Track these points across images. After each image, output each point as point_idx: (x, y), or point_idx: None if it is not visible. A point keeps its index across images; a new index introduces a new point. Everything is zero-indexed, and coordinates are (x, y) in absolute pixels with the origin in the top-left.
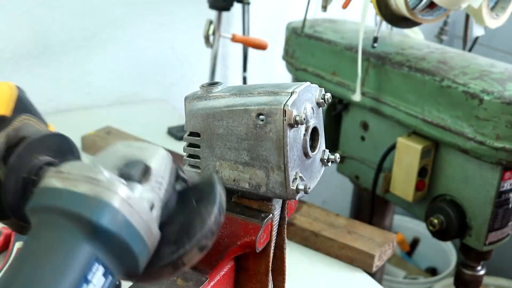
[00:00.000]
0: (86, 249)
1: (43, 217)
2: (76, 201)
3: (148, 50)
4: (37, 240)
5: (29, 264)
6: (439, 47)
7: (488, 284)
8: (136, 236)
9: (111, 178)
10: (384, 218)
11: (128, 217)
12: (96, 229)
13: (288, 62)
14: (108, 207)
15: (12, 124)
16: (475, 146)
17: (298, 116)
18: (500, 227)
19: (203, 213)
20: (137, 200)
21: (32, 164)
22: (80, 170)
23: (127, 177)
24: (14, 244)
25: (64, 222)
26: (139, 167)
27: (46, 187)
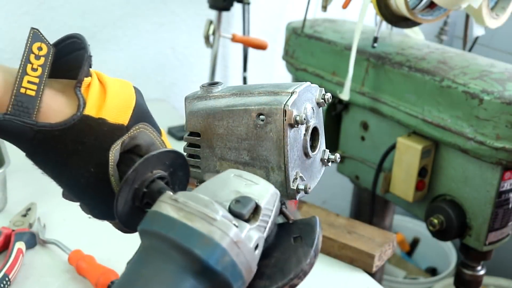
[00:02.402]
0: (191, 284)
1: (155, 243)
2: (189, 236)
3: (148, 50)
4: (147, 266)
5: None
6: (439, 47)
7: (488, 284)
8: (238, 275)
9: (224, 218)
10: (384, 218)
11: (235, 259)
12: (204, 267)
13: (288, 62)
14: (218, 248)
15: (128, 133)
16: (475, 146)
17: (298, 116)
18: (500, 227)
19: (300, 254)
20: (245, 242)
21: (145, 176)
22: (195, 204)
23: (237, 215)
24: (14, 244)
25: (175, 255)
26: (250, 206)
27: (161, 213)
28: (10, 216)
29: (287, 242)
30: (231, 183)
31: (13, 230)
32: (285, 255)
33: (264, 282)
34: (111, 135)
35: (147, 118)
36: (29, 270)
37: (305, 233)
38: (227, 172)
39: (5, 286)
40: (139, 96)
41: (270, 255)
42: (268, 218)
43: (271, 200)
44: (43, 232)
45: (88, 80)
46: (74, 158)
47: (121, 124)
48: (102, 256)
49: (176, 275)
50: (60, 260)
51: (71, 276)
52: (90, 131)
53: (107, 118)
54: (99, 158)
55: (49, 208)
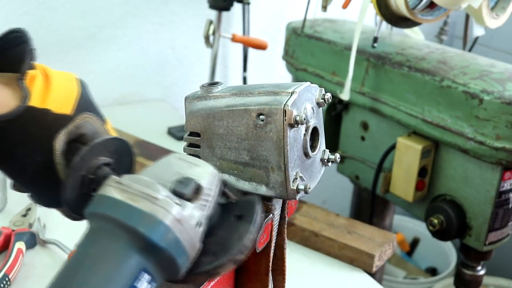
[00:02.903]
0: (137, 260)
1: (102, 224)
2: (133, 215)
3: (148, 50)
4: (94, 246)
5: (85, 267)
6: (439, 47)
7: (488, 284)
8: (182, 251)
9: (167, 197)
10: (384, 218)
11: (178, 235)
12: (148, 244)
13: (288, 62)
14: (161, 225)
15: (73, 122)
16: (475, 146)
17: (298, 116)
18: (500, 227)
19: (241, 230)
20: (187, 219)
21: (91, 163)
22: (139, 185)
23: (179, 195)
24: (14, 244)
25: (120, 233)
26: (191, 186)
27: (106, 196)
28: (10, 216)
29: (229, 221)
30: (173, 166)
31: (13, 230)
32: (227, 232)
33: (209, 258)
34: (56, 125)
35: (91, 108)
36: (29, 270)
37: (246, 211)
38: (170, 156)
39: (5, 286)
40: (83, 87)
41: (214, 234)
42: (210, 198)
43: (212, 180)
44: (43, 232)
45: (33, 73)
46: (20, 149)
47: (65, 114)
48: None
49: (122, 252)
50: (60, 260)
51: None
52: (35, 122)
53: (51, 108)
54: (45, 147)
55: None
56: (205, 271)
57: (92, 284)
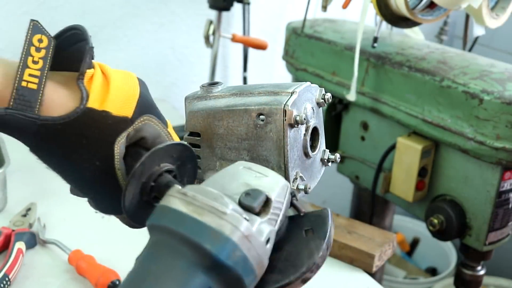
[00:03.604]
0: (202, 279)
1: (164, 239)
2: (199, 231)
3: (148, 50)
4: (157, 262)
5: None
6: (439, 47)
7: (488, 284)
8: (250, 270)
9: (234, 211)
10: (384, 218)
11: (246, 253)
12: (214, 262)
13: (288, 62)
14: (229, 242)
15: (133, 125)
16: (475, 146)
17: (298, 116)
18: (500, 227)
19: (312, 247)
20: (256, 236)
21: (153, 170)
22: (205, 197)
23: (247, 208)
24: (14, 244)
25: (184, 250)
26: (260, 199)
27: (170, 207)
28: (10, 216)
29: (299, 235)
30: (240, 176)
31: (13, 230)
32: (296, 248)
33: (276, 276)
34: (116, 128)
35: (152, 110)
36: (29, 270)
37: (317, 226)
38: (236, 165)
39: (5, 286)
40: (143, 87)
41: (281, 249)
42: (279, 211)
43: (282, 193)
44: (43, 232)
45: (91, 72)
46: (79, 152)
47: (125, 117)
48: (102, 256)
49: (186, 271)
50: (60, 260)
51: (71, 276)
52: (94, 124)
53: (111, 110)
54: (104, 151)
55: (49, 208)
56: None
57: None
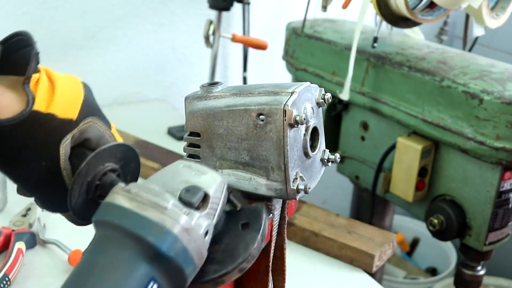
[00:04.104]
0: (146, 269)
1: (110, 233)
2: (142, 224)
3: (148, 50)
4: (103, 255)
5: (94, 276)
6: (439, 47)
7: (488, 284)
8: (190, 261)
9: (175, 206)
10: (384, 218)
11: (186, 245)
12: (157, 253)
13: (288, 62)
14: (170, 235)
15: (78, 127)
16: (475, 146)
17: (298, 116)
18: (500, 227)
19: (247, 239)
20: (195, 229)
21: (97, 169)
22: (147, 193)
23: (187, 204)
24: (14, 244)
25: (129, 242)
26: (199, 195)
27: (114, 204)
28: (10, 216)
29: (235, 229)
30: (181, 174)
31: (13, 230)
32: (233, 240)
33: (214, 267)
34: (61, 130)
35: (96, 112)
36: (29, 270)
37: (252, 219)
38: (176, 163)
39: (5, 286)
40: (87, 91)
41: (219, 241)
42: (217, 206)
43: (219, 189)
44: (43, 232)
45: (37, 76)
46: (25, 154)
47: (70, 119)
48: None
49: (130, 261)
50: (60, 260)
51: None
52: (40, 127)
53: (56, 113)
54: (50, 152)
55: None
56: (211, 280)
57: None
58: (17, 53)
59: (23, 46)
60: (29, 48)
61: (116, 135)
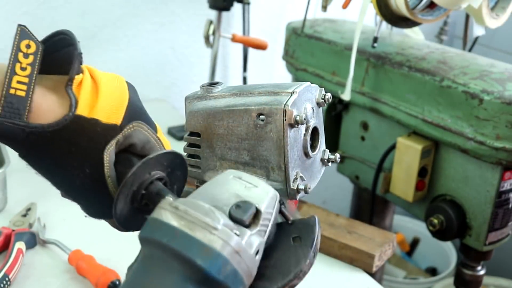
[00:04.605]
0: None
1: (156, 253)
2: (191, 246)
3: (148, 50)
4: (149, 276)
5: None
6: (439, 47)
7: (488, 284)
8: (239, 282)
9: (225, 226)
10: (384, 218)
11: (236, 267)
12: (205, 277)
13: (288, 62)
14: (220, 258)
15: (122, 132)
16: (475, 146)
17: (298, 116)
18: (500, 227)
19: (299, 254)
20: (246, 249)
21: (143, 178)
22: (196, 212)
23: (238, 221)
24: (14, 244)
25: (176, 265)
26: (250, 212)
27: (161, 221)
28: (10, 216)
29: (286, 243)
30: (231, 186)
31: (13, 230)
32: (284, 255)
33: (263, 284)
34: (105, 135)
35: (141, 115)
36: (29, 270)
37: (304, 233)
38: (226, 174)
39: (5, 286)
40: (132, 92)
41: (269, 256)
42: (268, 222)
43: (271, 203)
44: (43, 232)
45: (80, 78)
46: (68, 160)
47: (114, 124)
48: (102, 256)
49: (178, 284)
50: (60, 260)
51: (71, 276)
52: (83, 132)
53: (100, 118)
54: (94, 159)
55: (49, 208)
56: None
57: None
58: (59, 52)
59: (65, 45)
60: (72, 47)
61: (163, 138)
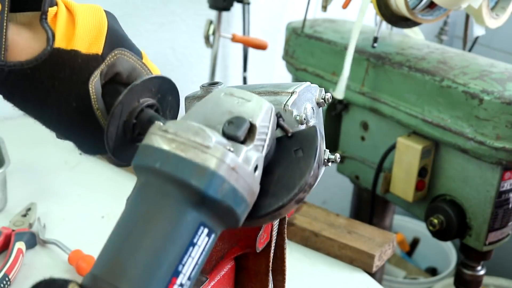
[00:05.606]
0: (194, 216)
1: (151, 179)
2: (184, 168)
3: (148, 50)
4: (146, 204)
5: (139, 228)
6: (439, 47)
7: (488, 284)
8: (241, 200)
9: (218, 143)
10: (384, 218)
11: (234, 184)
12: (203, 197)
13: (288, 62)
14: (215, 176)
15: (105, 62)
16: (475, 146)
17: (298, 116)
18: (500, 227)
19: (302, 166)
20: (242, 165)
21: (132, 107)
22: (187, 132)
23: (232, 138)
24: (14, 244)
25: (172, 189)
26: (244, 127)
27: (152, 146)
28: (10, 216)
29: (288, 157)
30: (223, 103)
31: (13, 230)
32: (287, 169)
33: (268, 200)
34: (87, 67)
35: (123, 42)
36: (29, 270)
37: (306, 145)
38: (217, 92)
39: (5, 286)
40: (111, 20)
41: (272, 172)
42: (265, 136)
43: (266, 117)
44: (43, 232)
45: (54, 10)
46: (53, 95)
47: (95, 54)
48: None
49: (176, 209)
50: (60, 260)
51: (71, 276)
52: (64, 65)
53: (80, 48)
54: (79, 92)
55: (49, 208)
56: (266, 214)
57: (148, 246)
58: None
59: None
60: None
61: (149, 64)
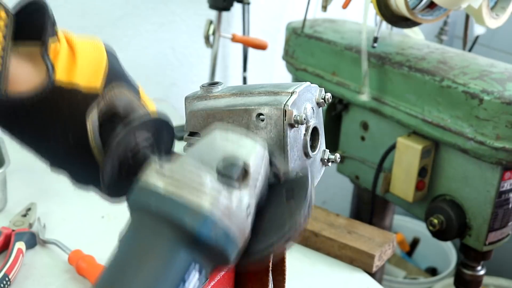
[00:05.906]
0: (186, 255)
1: (145, 219)
2: (178, 208)
3: (148, 50)
4: (139, 243)
5: (132, 265)
6: (439, 47)
7: (488, 284)
8: (232, 241)
9: (213, 186)
10: (384, 218)
11: (227, 228)
12: (196, 238)
13: (288, 62)
14: (209, 219)
15: (104, 97)
16: (475, 146)
17: (298, 116)
18: (500, 227)
19: (293, 207)
20: (235, 207)
21: (129, 147)
22: (182, 172)
23: (226, 181)
24: (14, 244)
25: (165, 229)
26: (238, 169)
27: (147, 184)
28: (10, 216)
29: (280, 198)
30: (218, 146)
31: (13, 230)
32: (278, 211)
33: (258, 238)
34: (86, 102)
35: (121, 78)
36: (29, 270)
37: (297, 187)
38: (214, 134)
39: (5, 286)
40: (111, 56)
41: (263, 212)
42: (258, 180)
43: (259, 160)
44: (43, 232)
45: (55, 44)
46: (50, 130)
47: (94, 88)
48: (102, 256)
49: (169, 249)
50: (60, 260)
51: (71, 276)
52: (63, 100)
53: (79, 83)
54: (77, 127)
55: (49, 208)
56: (256, 252)
57: (140, 283)
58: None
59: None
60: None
61: (147, 101)
